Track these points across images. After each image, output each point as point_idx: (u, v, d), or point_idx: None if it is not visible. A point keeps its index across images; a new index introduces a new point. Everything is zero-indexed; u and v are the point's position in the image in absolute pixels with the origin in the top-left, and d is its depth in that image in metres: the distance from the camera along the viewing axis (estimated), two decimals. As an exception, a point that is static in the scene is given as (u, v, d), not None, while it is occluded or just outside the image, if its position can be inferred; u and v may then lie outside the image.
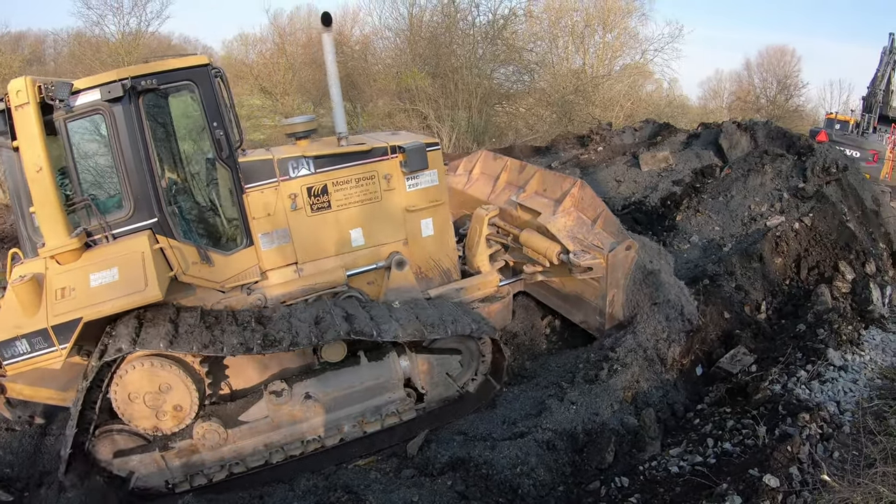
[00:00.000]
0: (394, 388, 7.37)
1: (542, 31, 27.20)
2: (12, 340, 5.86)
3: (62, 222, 5.89)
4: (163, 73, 6.09)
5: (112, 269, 5.97)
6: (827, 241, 10.33)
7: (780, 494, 4.65)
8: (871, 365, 7.05)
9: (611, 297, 8.08)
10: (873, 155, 21.52)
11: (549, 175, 9.07)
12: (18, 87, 5.60)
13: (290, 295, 7.16)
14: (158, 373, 6.18)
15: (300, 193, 7.10)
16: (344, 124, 7.54)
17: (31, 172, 5.72)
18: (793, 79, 44.68)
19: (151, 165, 6.18)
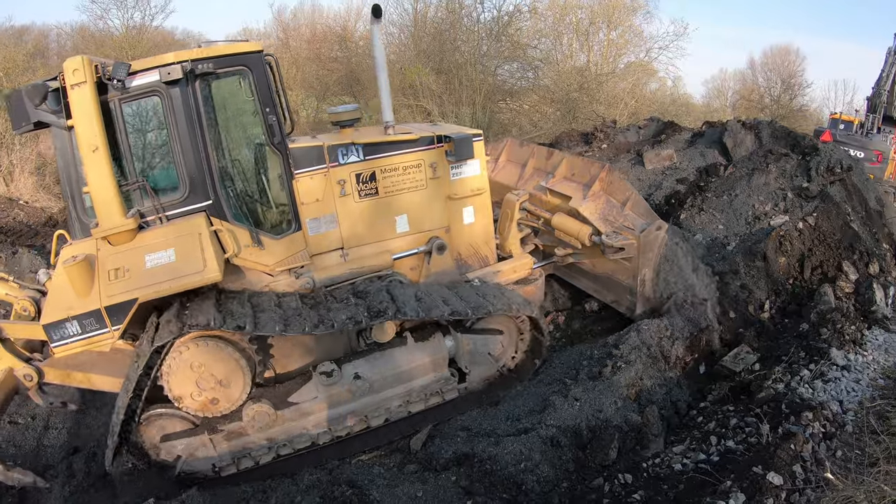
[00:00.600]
0: (439, 368, 7.55)
1: (546, 28, 27.17)
2: (62, 322, 5.89)
3: (117, 203, 5.91)
4: (220, 58, 6.16)
5: (168, 251, 6.03)
6: (831, 240, 10.34)
7: (783, 492, 4.69)
8: (873, 365, 7.08)
9: (642, 276, 8.31)
10: (877, 155, 21.42)
11: (578, 160, 9.35)
12: (75, 66, 5.60)
13: (337, 278, 7.28)
14: (212, 354, 6.29)
15: (349, 180, 7.23)
16: (391, 113, 7.73)
17: (86, 152, 5.74)
18: (797, 78, 44.41)
19: (207, 148, 6.25)
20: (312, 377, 6.91)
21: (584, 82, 25.36)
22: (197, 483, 6.62)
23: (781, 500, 4.64)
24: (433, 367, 7.52)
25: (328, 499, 5.82)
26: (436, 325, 7.52)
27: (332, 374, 6.92)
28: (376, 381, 7.17)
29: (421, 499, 5.70)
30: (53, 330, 5.89)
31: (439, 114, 23.16)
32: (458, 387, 7.75)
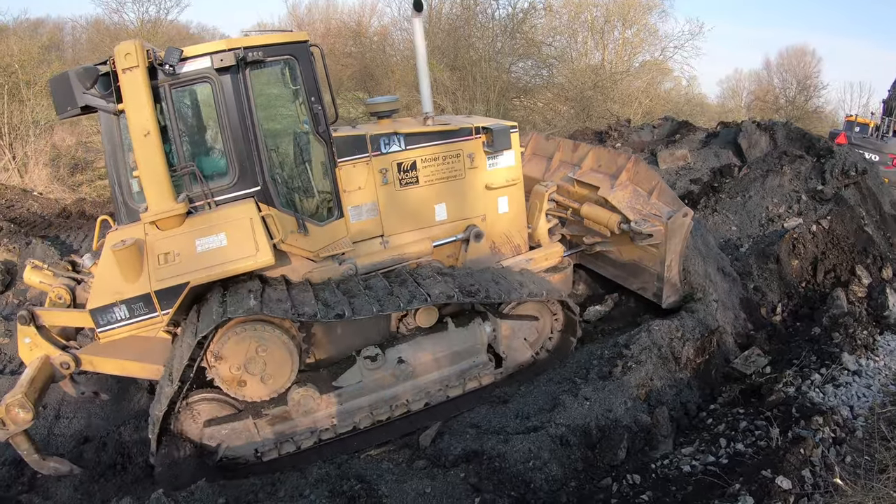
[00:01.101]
0: (478, 353, 7.72)
1: (561, 26, 27.14)
2: (110, 306, 6.01)
3: (168, 187, 6.00)
4: (269, 47, 6.26)
5: (219, 235, 6.13)
6: (844, 244, 10.31)
7: (792, 496, 4.69)
8: (885, 371, 7.04)
9: (669, 262, 8.45)
10: (893, 159, 21.25)
11: (603, 152, 9.54)
12: (127, 51, 5.63)
13: (379, 265, 7.45)
14: (260, 338, 6.32)
15: (390, 168, 7.41)
16: (431, 104, 7.98)
17: (137, 136, 5.81)
18: (813, 80, 44.24)
19: (256, 135, 6.34)
20: (356, 362, 7.05)
21: (598, 80, 25.33)
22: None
23: (790, 505, 4.64)
24: (472, 351, 7.69)
25: (337, 493, 5.81)
26: (473, 310, 7.76)
27: (377, 358, 7.09)
28: (418, 365, 7.35)
29: (429, 495, 5.69)
30: (100, 315, 6.01)
31: (453, 110, 23.16)
32: (494, 372, 7.94)
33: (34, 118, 20.02)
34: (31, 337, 6.75)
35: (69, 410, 8.13)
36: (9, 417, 6.20)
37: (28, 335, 6.75)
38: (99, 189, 18.43)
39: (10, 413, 6.18)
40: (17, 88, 19.69)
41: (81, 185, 19.41)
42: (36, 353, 6.74)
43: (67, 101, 5.89)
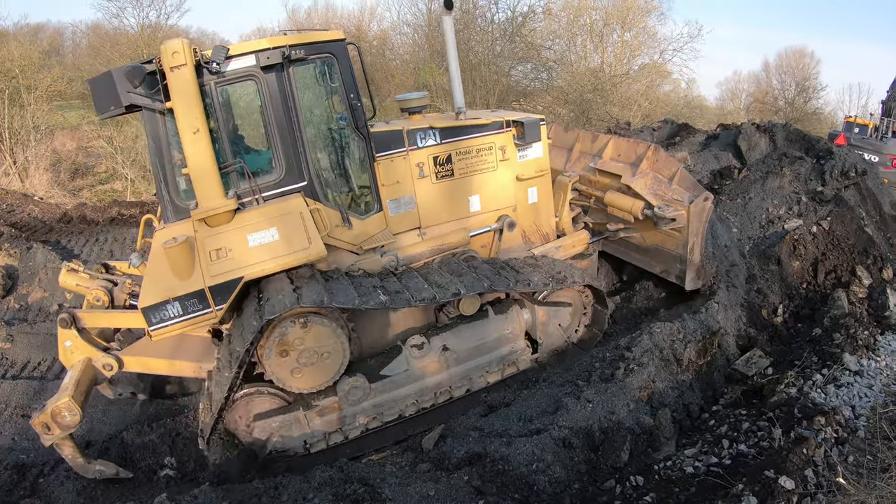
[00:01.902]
0: (516, 339, 8.07)
1: (560, 29, 27.22)
2: (163, 304, 6.07)
3: (218, 184, 6.13)
4: (311, 45, 6.43)
5: (271, 230, 6.29)
6: (844, 245, 10.32)
7: (795, 496, 4.71)
8: (886, 371, 7.07)
9: (691, 244, 8.76)
10: (892, 160, 21.29)
11: (623, 142, 9.75)
12: (175, 49, 5.72)
13: (419, 256, 7.71)
14: (315, 329, 6.50)
15: (426, 162, 7.60)
16: (462, 99, 8.21)
17: (186, 134, 5.92)
18: (811, 81, 44.33)
19: (301, 131, 6.55)
20: (402, 350, 7.30)
21: (597, 83, 25.40)
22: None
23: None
24: (511, 338, 8.01)
25: (340, 496, 5.81)
26: (508, 298, 8.12)
27: (423, 346, 7.36)
28: (462, 352, 7.62)
29: (433, 497, 5.69)
30: (152, 313, 6.07)
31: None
32: (531, 357, 8.23)
33: (35, 123, 20.05)
34: (73, 340, 6.79)
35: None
36: (55, 422, 6.20)
37: (69, 338, 6.78)
38: (99, 194, 18.50)
39: (56, 417, 6.17)
40: (18, 93, 19.74)
41: (82, 190, 19.45)
42: (77, 356, 6.78)
43: (110, 101, 5.92)
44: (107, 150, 19.25)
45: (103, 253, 13.41)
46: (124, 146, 18.89)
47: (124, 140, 19.22)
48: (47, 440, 6.31)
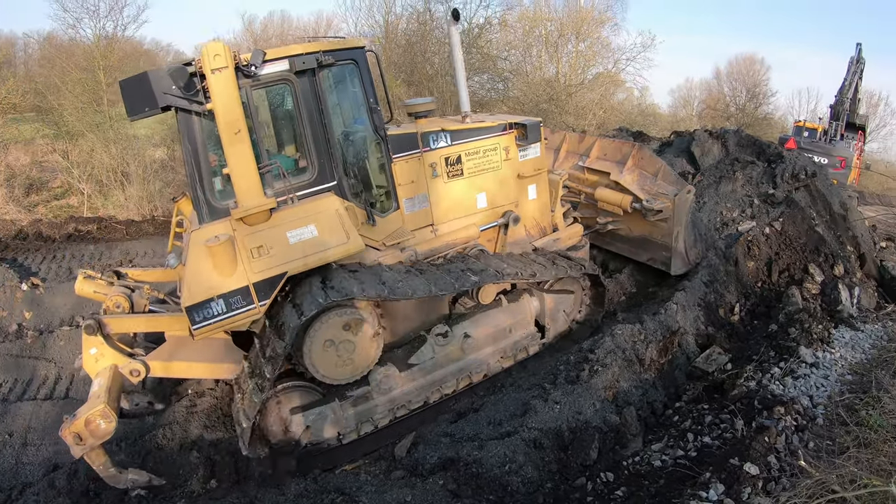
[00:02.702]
0: (527, 325, 8.69)
1: (516, 40, 27.44)
2: (207, 302, 6.09)
3: (258, 183, 6.25)
4: (337, 51, 6.71)
5: (309, 227, 6.45)
6: (797, 244, 10.63)
7: (760, 481, 4.87)
8: (841, 361, 7.33)
9: (676, 233, 9.71)
10: (841, 161, 21.93)
11: (608, 142, 10.81)
12: (216, 52, 5.82)
13: (434, 251, 8.07)
14: (352, 321, 6.69)
15: (439, 162, 8.03)
16: (468, 104, 8.67)
17: (227, 135, 6.00)
18: (762, 87, 45.33)
19: (331, 133, 6.79)
20: (427, 339, 7.70)
21: (553, 93, 25.66)
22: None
23: (759, 489, 4.81)
24: (523, 324, 8.60)
25: (319, 506, 5.85)
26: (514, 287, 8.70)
27: (447, 334, 7.81)
28: (480, 338, 8.13)
29: (410, 503, 5.75)
30: (196, 311, 6.07)
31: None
32: (540, 342, 8.84)
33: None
34: (98, 347, 6.72)
35: (37, 437, 8.03)
36: (88, 430, 6.09)
37: (94, 345, 6.72)
38: (55, 210, 18.14)
39: (90, 426, 6.07)
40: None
41: (37, 206, 19.02)
42: (102, 364, 6.72)
43: (145, 102, 5.97)
44: (62, 165, 18.89)
45: (62, 270, 13.14)
46: (80, 160, 18.55)
47: (80, 154, 18.88)
48: (78, 451, 6.17)
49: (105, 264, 13.37)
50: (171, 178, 19.35)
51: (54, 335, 9.50)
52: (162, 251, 14.13)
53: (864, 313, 9.43)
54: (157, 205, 17.51)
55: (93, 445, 6.17)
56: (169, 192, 18.40)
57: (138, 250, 14.30)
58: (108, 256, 13.94)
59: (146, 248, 14.45)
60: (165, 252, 11.59)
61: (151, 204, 17.42)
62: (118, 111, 20.38)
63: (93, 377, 6.76)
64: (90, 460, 6.30)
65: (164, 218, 16.55)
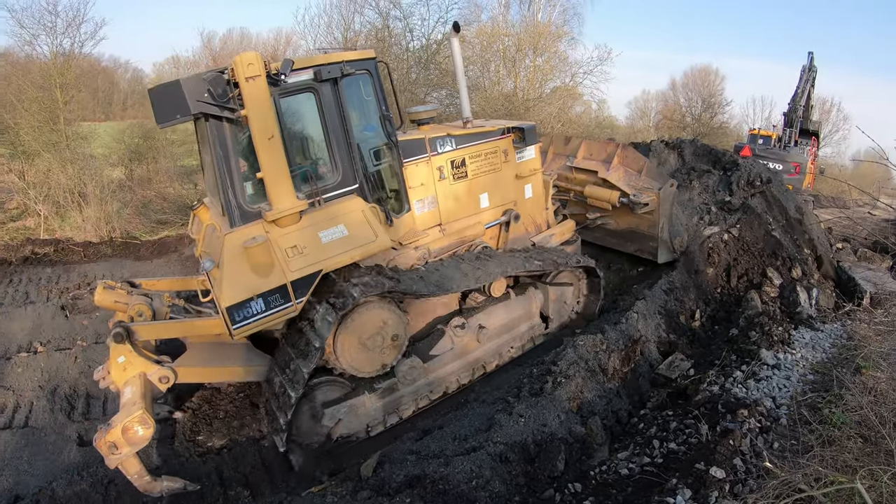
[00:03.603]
0: (533, 316, 9.32)
1: (474, 56, 27.46)
2: (247, 302, 6.32)
3: (290, 187, 6.58)
4: (355, 62, 7.08)
5: (339, 227, 6.87)
6: (754, 249, 10.79)
7: (727, 484, 4.88)
8: (802, 362, 7.42)
9: (661, 224, 10.39)
10: (795, 167, 22.37)
11: (593, 143, 11.60)
12: (251, 61, 6.10)
13: (443, 249, 8.48)
14: (383, 314, 7.19)
15: (445, 165, 8.44)
16: (469, 111, 9.28)
17: (261, 140, 6.29)
18: (717, 97, 46.14)
19: (352, 139, 7.12)
20: (446, 332, 8.17)
21: (511, 108, 25.71)
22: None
23: (725, 492, 4.81)
24: (529, 315, 9.23)
25: (285, 530, 5.74)
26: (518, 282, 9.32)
27: (464, 326, 8.27)
28: (494, 329, 8.67)
29: (377, 523, 5.65)
30: (236, 311, 6.28)
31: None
32: (544, 332, 9.50)
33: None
34: (126, 355, 6.69)
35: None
36: (125, 438, 6.06)
37: (122, 353, 6.68)
38: (11, 232, 17.57)
39: (127, 433, 6.05)
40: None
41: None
42: (131, 372, 6.69)
43: (177, 110, 6.08)
44: (18, 186, 18.42)
45: (18, 295, 12.73)
46: (37, 181, 18.11)
47: (36, 174, 18.45)
48: (113, 461, 6.13)
49: (63, 287, 13.04)
50: (128, 198, 19.04)
51: (12, 362, 9.19)
52: (120, 273, 13.88)
53: (822, 313, 9.57)
54: (115, 226, 17.14)
55: (129, 454, 6.15)
56: (127, 214, 18.12)
57: (97, 273, 13.95)
58: (66, 279, 13.60)
59: (104, 271, 14.11)
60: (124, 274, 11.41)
61: (109, 225, 17.03)
62: (75, 130, 20.02)
63: (119, 387, 6.73)
64: (125, 469, 6.25)
65: (122, 239, 16.28)
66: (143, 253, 15.37)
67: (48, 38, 20.23)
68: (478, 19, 29.78)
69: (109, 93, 37.73)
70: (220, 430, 7.97)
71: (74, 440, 7.81)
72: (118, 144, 22.20)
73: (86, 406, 8.53)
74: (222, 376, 7.52)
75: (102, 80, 35.25)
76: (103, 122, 29.45)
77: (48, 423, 7.98)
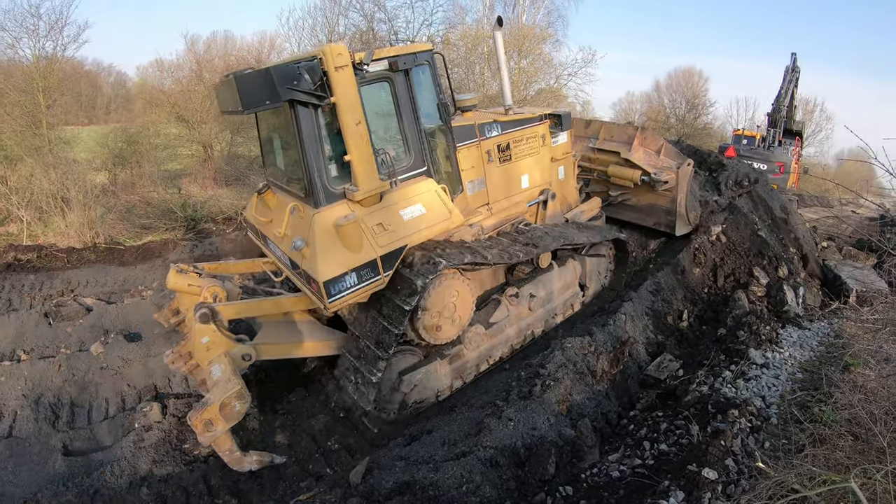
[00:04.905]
0: (573, 285, 10.11)
1: (458, 58, 27.43)
2: (342, 276, 6.82)
3: (375, 169, 7.11)
4: (420, 53, 7.59)
5: (417, 205, 7.51)
6: (741, 249, 10.84)
7: (719, 485, 4.85)
8: (790, 360, 7.43)
9: (679, 200, 11.20)
10: (780, 167, 22.55)
11: (613, 125, 12.51)
12: (340, 51, 6.60)
13: (491, 227, 9.11)
14: (457, 285, 7.83)
15: (493, 149, 9.07)
16: (511, 98, 10.01)
17: (349, 126, 6.79)
18: (701, 98, 46.44)
19: (421, 125, 7.71)
20: (502, 301, 8.82)
21: (497, 110, 25.70)
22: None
23: (718, 493, 4.78)
24: (570, 284, 10.01)
25: (275, 539, 5.68)
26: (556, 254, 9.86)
27: (518, 295, 8.96)
28: (542, 297, 9.37)
29: (367, 530, 5.60)
30: (332, 285, 6.76)
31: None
32: (581, 299, 10.31)
33: None
34: (210, 335, 7.08)
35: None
36: (222, 415, 6.40)
37: (206, 334, 7.07)
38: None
39: (224, 409, 6.40)
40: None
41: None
42: (214, 352, 7.06)
43: (267, 96, 6.37)
44: (0, 191, 18.24)
45: (1, 302, 12.57)
46: (19, 186, 17.90)
47: (19, 180, 18.24)
48: (208, 438, 6.42)
49: (46, 294, 12.90)
50: (112, 203, 18.86)
51: (-6, 370, 9.07)
52: (104, 280, 13.75)
53: (809, 312, 9.62)
54: (99, 231, 16.98)
55: (223, 430, 6.47)
56: (111, 219, 17.94)
57: (80, 279, 13.81)
58: (50, 286, 13.44)
59: (88, 277, 13.96)
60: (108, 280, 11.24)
61: (93, 231, 16.86)
62: (58, 134, 19.85)
63: (202, 366, 7.14)
64: (217, 446, 6.59)
65: (106, 245, 16.11)
66: (128, 258, 15.21)
67: (30, 40, 20.04)
68: (462, 21, 29.81)
69: (93, 96, 37.35)
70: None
71: (59, 450, 7.69)
72: (101, 149, 21.97)
73: (70, 415, 8.42)
74: (300, 351, 7.89)
75: (85, 83, 34.87)
76: (87, 126, 29.09)
77: (32, 433, 7.87)
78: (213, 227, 17.63)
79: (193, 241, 16.42)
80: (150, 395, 8.86)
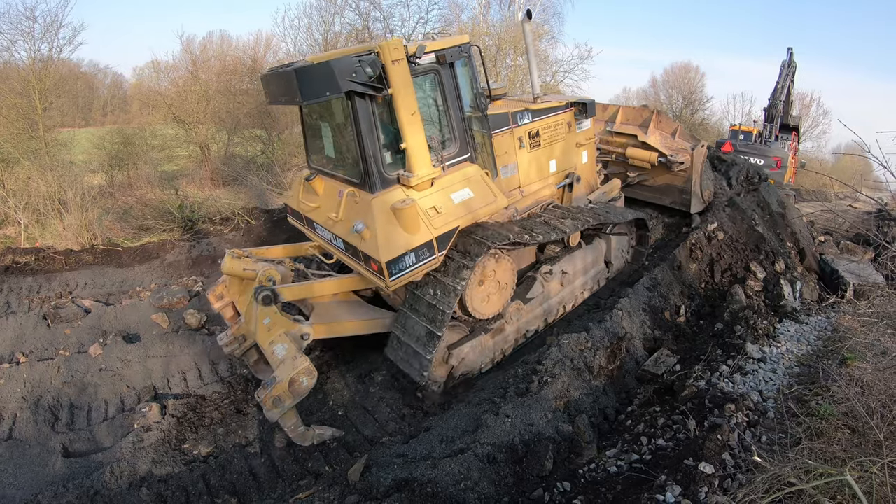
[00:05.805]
0: (600, 262, 10.71)
1: (456, 57, 27.48)
2: (402, 256, 7.24)
3: (428, 156, 7.54)
4: (461, 46, 7.92)
5: (465, 189, 7.94)
6: (738, 244, 10.84)
7: (716, 479, 4.87)
8: (787, 355, 7.43)
9: (695, 180, 11.94)
10: (776, 162, 22.60)
11: (630, 109, 13.12)
12: (396, 46, 6.98)
13: (528, 208, 9.55)
14: (503, 263, 8.39)
15: (524, 136, 9.50)
16: (539, 88, 10.30)
17: (405, 116, 7.19)
18: (697, 94, 46.51)
19: (464, 114, 8.09)
20: (537, 278, 9.36)
21: (493, 107, 25.69)
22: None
23: (715, 487, 4.80)
24: (597, 261, 10.62)
25: (275, 537, 5.68)
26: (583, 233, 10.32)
27: (552, 272, 9.52)
28: (572, 273, 10.00)
29: (365, 528, 5.60)
30: (393, 265, 7.21)
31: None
32: (606, 275, 10.93)
33: None
34: (271, 316, 7.50)
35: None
36: (291, 391, 6.84)
37: (268, 315, 7.49)
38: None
39: (293, 385, 6.84)
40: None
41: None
42: (275, 332, 7.49)
43: (327, 88, 6.76)
44: (-3, 194, 18.22)
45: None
46: (16, 189, 17.85)
47: (16, 182, 18.19)
48: (275, 414, 6.88)
49: (44, 297, 12.89)
50: (109, 204, 18.84)
51: (-8, 373, 9.07)
52: (102, 281, 13.75)
53: (807, 306, 9.62)
54: (97, 233, 16.95)
55: (291, 405, 6.93)
56: (108, 220, 17.92)
57: (78, 281, 13.81)
58: (48, 288, 13.45)
59: (86, 279, 13.96)
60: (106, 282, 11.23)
61: (90, 232, 16.83)
62: (54, 136, 19.83)
63: (264, 347, 7.49)
64: (283, 421, 7.05)
65: (104, 247, 16.07)
66: (125, 260, 15.19)
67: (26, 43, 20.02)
68: (458, 19, 29.76)
69: (89, 98, 37.32)
70: (205, 437, 7.91)
71: (59, 451, 7.70)
72: (98, 150, 21.95)
73: (70, 416, 8.42)
74: (358, 328, 8.30)
75: (82, 85, 34.84)
76: (83, 128, 29.14)
77: (32, 435, 7.89)
78: (210, 228, 17.58)
79: (191, 241, 16.40)
80: (148, 395, 8.85)
